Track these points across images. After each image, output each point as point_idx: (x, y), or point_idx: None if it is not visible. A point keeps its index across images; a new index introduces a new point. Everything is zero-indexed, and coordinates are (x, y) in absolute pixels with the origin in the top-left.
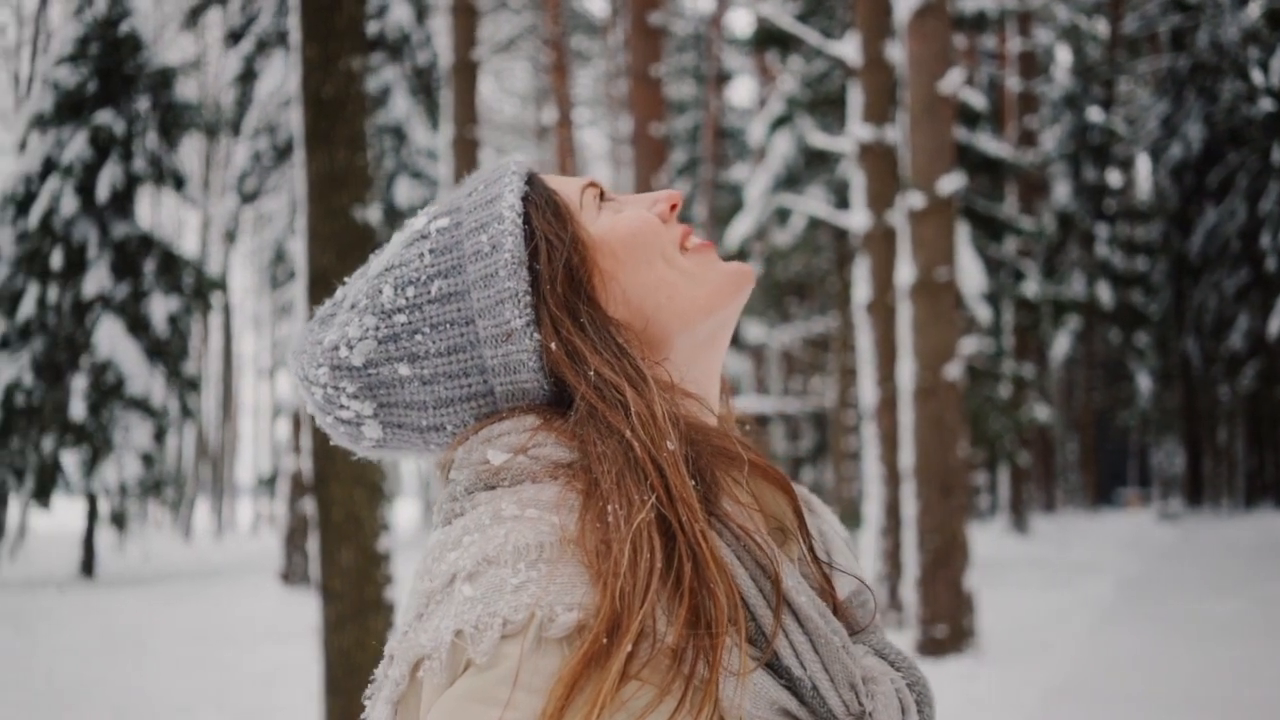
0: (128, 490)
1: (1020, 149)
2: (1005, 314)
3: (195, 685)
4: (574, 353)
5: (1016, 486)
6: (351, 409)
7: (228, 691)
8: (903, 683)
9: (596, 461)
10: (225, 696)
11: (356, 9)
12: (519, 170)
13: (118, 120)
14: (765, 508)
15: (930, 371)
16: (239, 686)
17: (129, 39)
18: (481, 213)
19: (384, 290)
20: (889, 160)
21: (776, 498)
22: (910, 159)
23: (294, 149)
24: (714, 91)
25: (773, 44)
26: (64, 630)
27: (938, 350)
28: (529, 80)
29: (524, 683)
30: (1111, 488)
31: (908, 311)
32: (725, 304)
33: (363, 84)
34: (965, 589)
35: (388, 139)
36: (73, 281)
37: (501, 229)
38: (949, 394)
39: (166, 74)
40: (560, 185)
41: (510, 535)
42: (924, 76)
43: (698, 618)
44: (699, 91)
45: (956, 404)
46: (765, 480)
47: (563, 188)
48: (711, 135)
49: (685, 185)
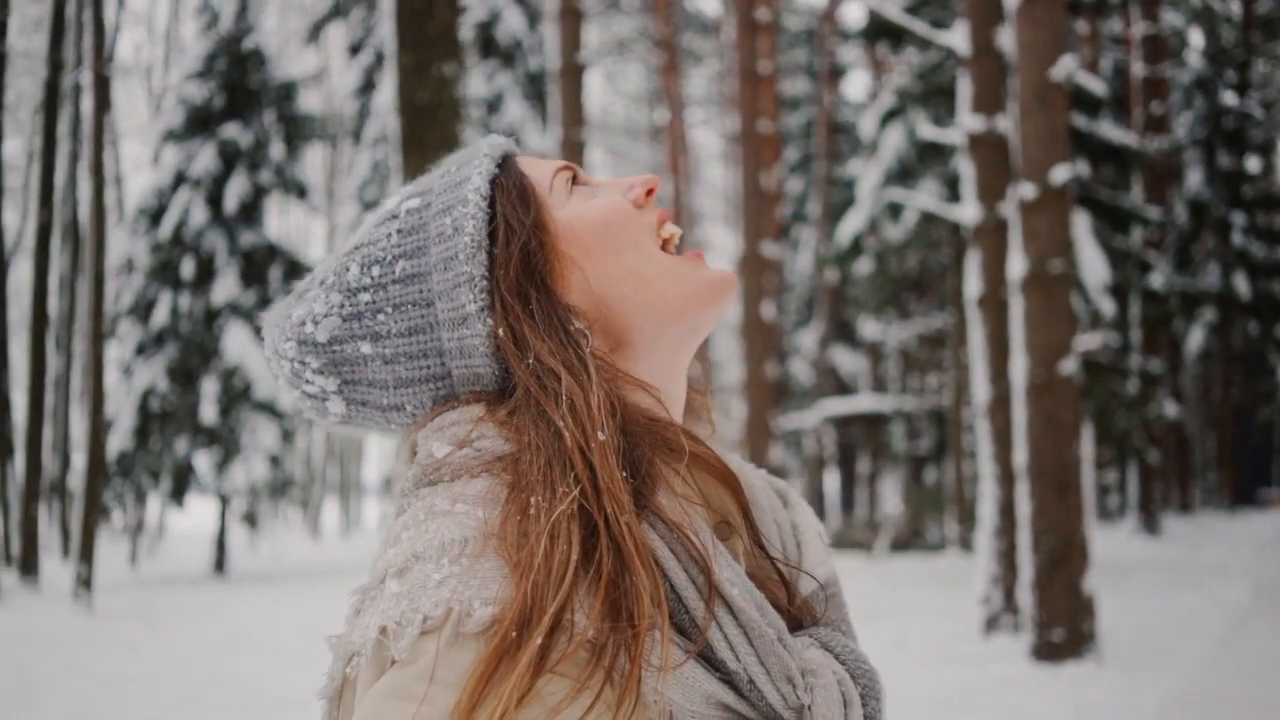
0: (257, 491)
1: (1148, 136)
2: (1132, 307)
3: (315, 681)
4: (519, 338)
5: (1146, 485)
6: (316, 384)
7: None
8: (846, 675)
9: (526, 452)
10: None
11: (449, 16)
12: (491, 152)
13: (244, 133)
14: (710, 502)
15: (1044, 367)
16: None
17: (253, 55)
18: (449, 195)
19: (351, 268)
20: (1000, 151)
21: (721, 493)
22: (1021, 149)
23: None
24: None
25: (884, 36)
26: (195, 625)
27: (1052, 345)
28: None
29: (440, 678)
30: (1254, 487)
31: (1020, 306)
32: (699, 310)
33: (456, 89)
34: (1084, 591)
35: None
36: (203, 290)
37: (465, 212)
38: (1064, 390)
39: (289, 87)
40: (533, 168)
41: (438, 531)
42: (1035, 63)
43: (619, 610)
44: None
45: (1073, 401)
46: (710, 475)
47: (535, 171)
48: (825, 131)
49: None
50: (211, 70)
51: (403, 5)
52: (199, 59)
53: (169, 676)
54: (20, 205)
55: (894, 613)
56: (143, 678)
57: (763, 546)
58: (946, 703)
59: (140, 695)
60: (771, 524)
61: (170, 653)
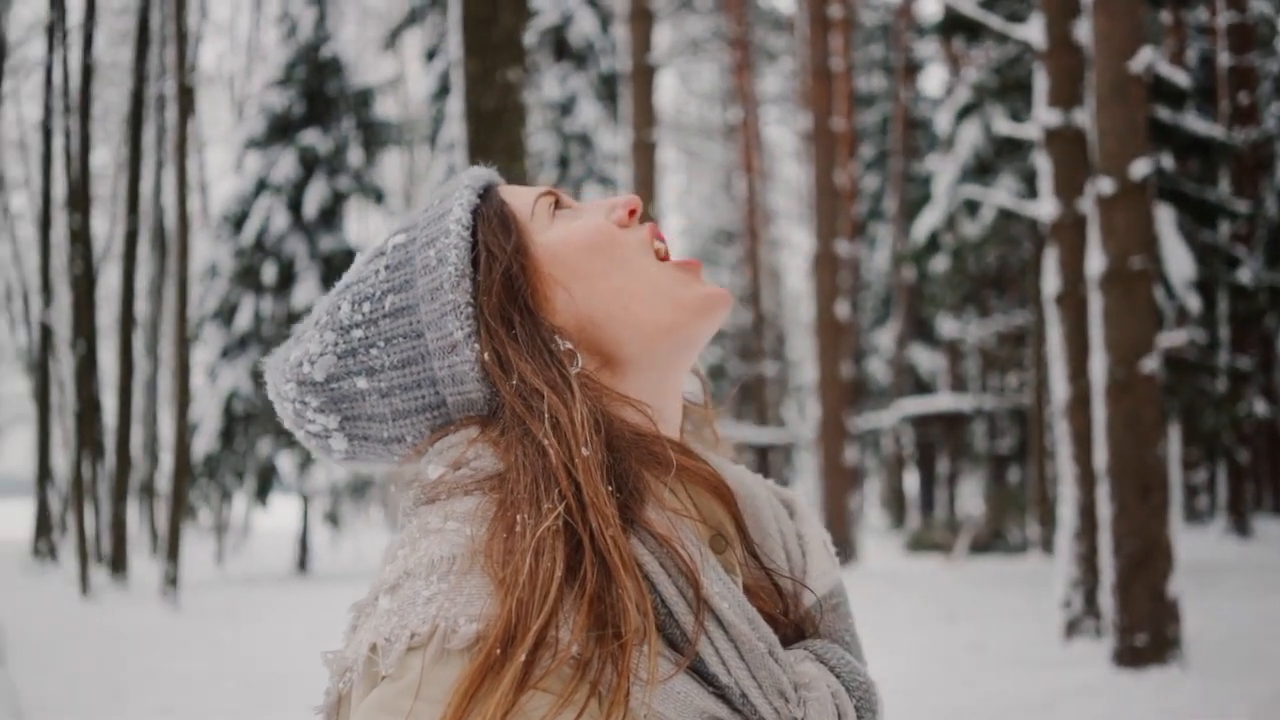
0: (338, 491)
1: (1235, 128)
2: (1220, 303)
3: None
4: (504, 360)
5: (1236, 486)
6: (318, 423)
7: None
8: (841, 688)
9: (513, 470)
10: None
11: (513, 21)
12: (472, 183)
13: (323, 140)
14: (704, 515)
15: (1124, 366)
16: None
17: (331, 62)
18: (432, 228)
19: (342, 306)
20: (1078, 145)
21: (715, 505)
22: (1099, 143)
23: (458, 161)
24: (903, 82)
25: (960, 30)
26: (278, 623)
27: (1132, 343)
28: (715, 80)
29: (425, 694)
30: None
31: (1099, 303)
32: (690, 325)
33: (520, 94)
34: (1168, 595)
35: (575, 146)
36: (284, 294)
37: (448, 242)
38: (1146, 389)
39: (366, 94)
40: (514, 196)
41: (429, 549)
42: (1112, 55)
43: (604, 625)
44: (888, 83)
45: (1155, 400)
46: (702, 488)
47: (516, 199)
48: (901, 127)
49: (875, 179)
50: (291, 78)
51: (467, 12)
52: (279, 67)
53: (253, 673)
54: (110, 213)
55: (973, 616)
56: (228, 674)
57: (758, 558)
58: (1025, 708)
59: (225, 692)
60: (775, 534)
61: (254, 650)
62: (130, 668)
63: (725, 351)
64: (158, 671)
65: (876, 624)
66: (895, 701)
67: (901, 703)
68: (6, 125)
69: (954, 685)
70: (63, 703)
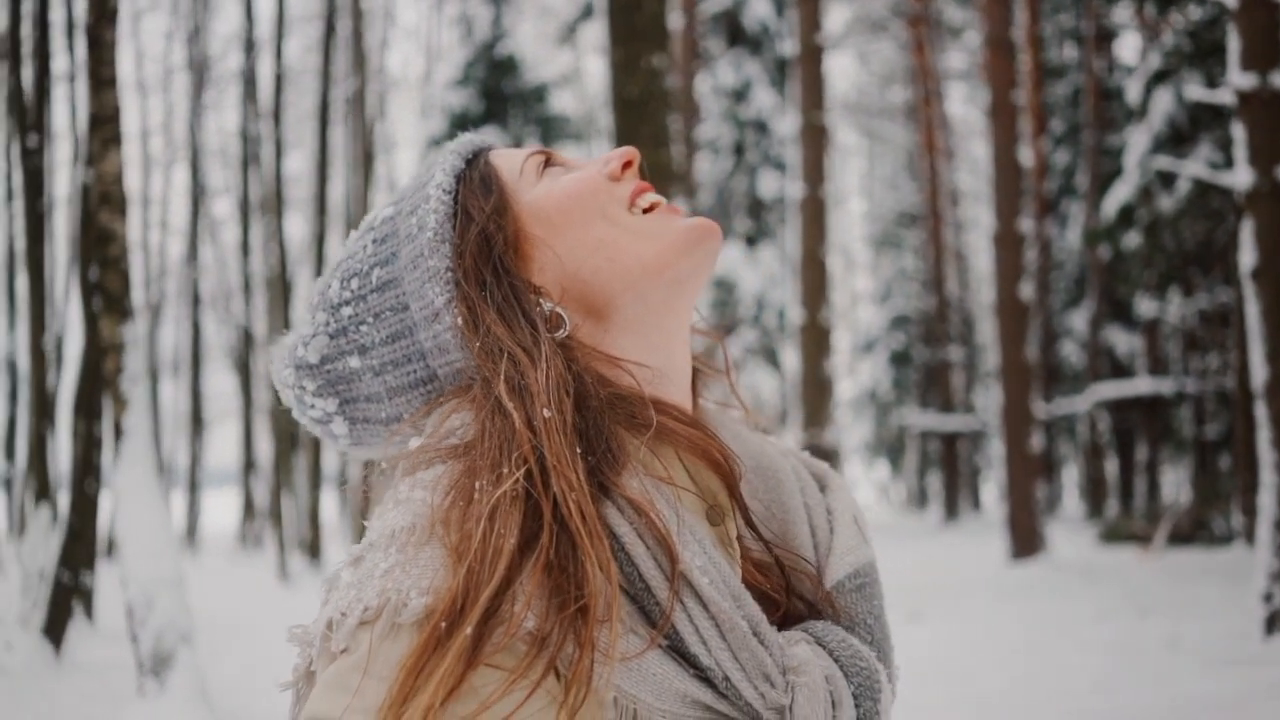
0: None
1: None
2: None
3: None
4: (477, 323)
5: None
6: (318, 407)
7: None
8: (838, 673)
9: (478, 435)
10: None
11: (657, 6)
12: (459, 149)
13: (502, 136)
14: (700, 485)
15: None
16: None
17: (507, 61)
18: (416, 196)
19: (332, 285)
20: (1275, 109)
21: (710, 475)
22: None
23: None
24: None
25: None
26: None
27: None
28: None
29: (372, 670)
30: None
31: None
32: (676, 261)
33: (664, 81)
34: None
35: (750, 132)
36: None
37: (428, 208)
38: None
39: (541, 90)
40: (502, 158)
41: (393, 519)
42: None
43: (567, 598)
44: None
45: None
46: (693, 454)
47: (505, 160)
48: (1093, 98)
49: (1066, 154)
50: (469, 77)
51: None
52: (458, 67)
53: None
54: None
55: (1166, 610)
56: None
57: (756, 530)
58: (1220, 706)
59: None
60: (799, 509)
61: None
62: None
63: (909, 337)
64: None
65: (1061, 618)
66: (1073, 700)
67: (1085, 701)
68: (209, 135)
69: (1143, 682)
70: (240, 684)
